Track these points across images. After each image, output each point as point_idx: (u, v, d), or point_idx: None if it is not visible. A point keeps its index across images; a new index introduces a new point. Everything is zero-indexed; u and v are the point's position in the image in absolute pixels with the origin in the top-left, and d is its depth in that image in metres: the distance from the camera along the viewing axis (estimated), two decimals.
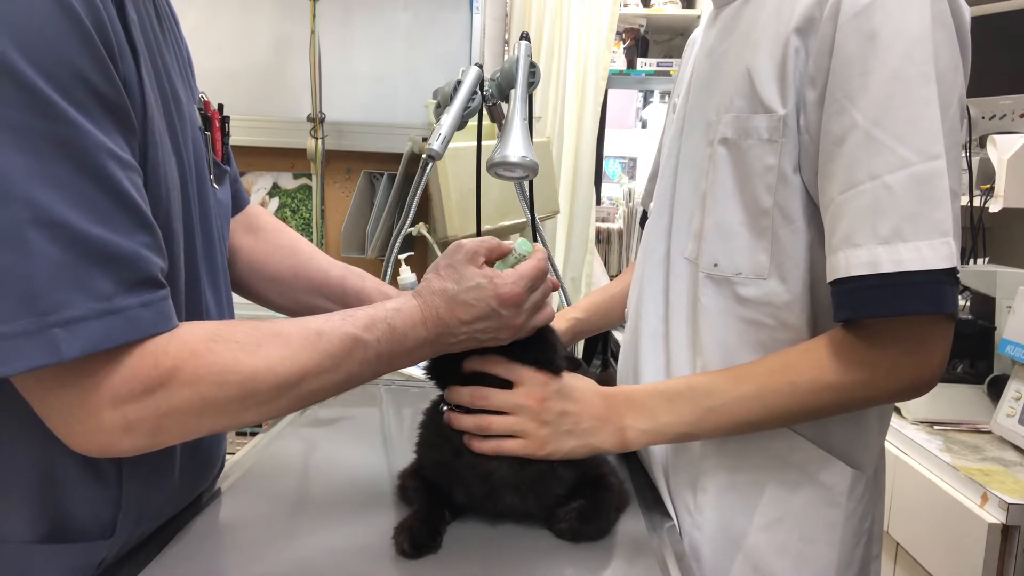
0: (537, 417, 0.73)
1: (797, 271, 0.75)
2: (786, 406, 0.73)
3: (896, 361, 0.69)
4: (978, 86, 1.76)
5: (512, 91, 1.59)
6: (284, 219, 2.68)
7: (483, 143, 1.74)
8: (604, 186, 2.97)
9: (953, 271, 0.65)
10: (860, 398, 0.72)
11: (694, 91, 0.88)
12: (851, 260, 0.67)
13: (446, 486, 0.77)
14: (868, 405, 0.77)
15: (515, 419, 0.73)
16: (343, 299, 0.87)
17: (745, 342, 0.79)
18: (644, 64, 2.78)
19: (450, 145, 1.57)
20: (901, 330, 0.68)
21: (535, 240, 1.88)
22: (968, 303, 1.65)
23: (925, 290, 0.65)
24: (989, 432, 1.43)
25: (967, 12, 0.71)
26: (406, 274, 2.05)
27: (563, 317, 1.16)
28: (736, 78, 0.78)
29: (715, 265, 0.79)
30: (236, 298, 0.82)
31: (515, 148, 1.43)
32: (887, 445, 1.35)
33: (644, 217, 1.15)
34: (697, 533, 0.83)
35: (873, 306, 0.67)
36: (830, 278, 0.69)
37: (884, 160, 0.65)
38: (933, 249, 0.64)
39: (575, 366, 1.07)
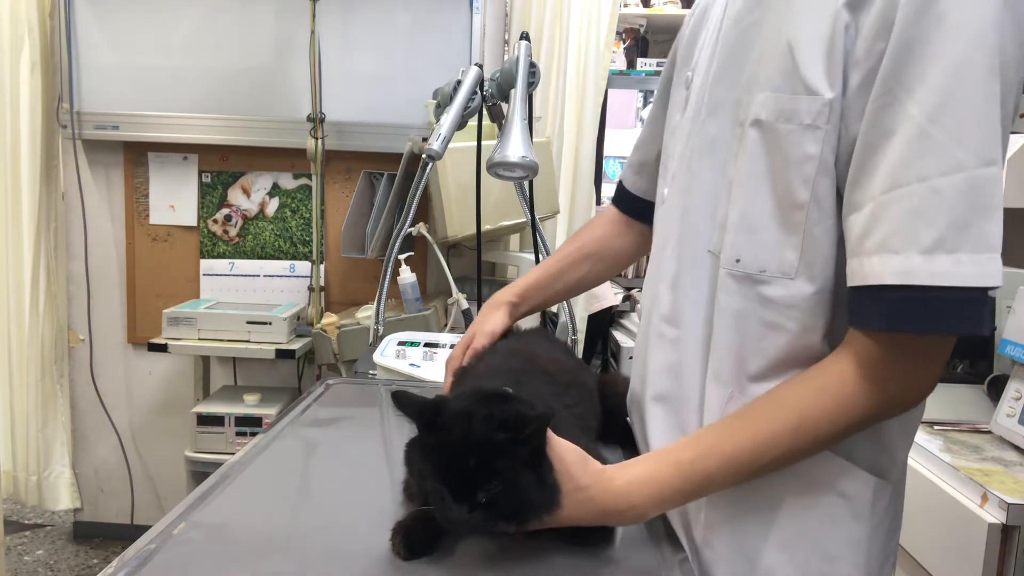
0: (554, 522, 0.69)
1: (827, 272, 0.68)
2: (822, 447, 0.68)
3: (922, 377, 0.65)
4: None
5: (512, 91, 1.59)
6: (284, 219, 2.69)
7: (483, 143, 1.74)
8: (604, 186, 2.96)
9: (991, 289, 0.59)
10: (885, 416, 0.67)
11: (719, 64, 0.78)
12: (885, 267, 0.60)
13: None
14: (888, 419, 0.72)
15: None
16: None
17: (759, 349, 0.72)
18: (644, 64, 2.79)
19: (450, 145, 1.57)
20: (926, 344, 0.63)
21: (535, 240, 1.88)
22: None
23: (963, 309, 0.59)
24: (989, 432, 1.43)
25: None
26: (406, 274, 2.05)
27: (498, 302, 1.06)
28: (773, 53, 0.69)
29: (737, 261, 0.72)
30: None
31: (515, 148, 1.43)
32: None
33: (621, 193, 1.09)
34: (709, 552, 0.76)
35: (904, 320, 0.60)
36: (854, 283, 0.63)
37: (936, 161, 0.58)
38: (978, 265, 0.58)
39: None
